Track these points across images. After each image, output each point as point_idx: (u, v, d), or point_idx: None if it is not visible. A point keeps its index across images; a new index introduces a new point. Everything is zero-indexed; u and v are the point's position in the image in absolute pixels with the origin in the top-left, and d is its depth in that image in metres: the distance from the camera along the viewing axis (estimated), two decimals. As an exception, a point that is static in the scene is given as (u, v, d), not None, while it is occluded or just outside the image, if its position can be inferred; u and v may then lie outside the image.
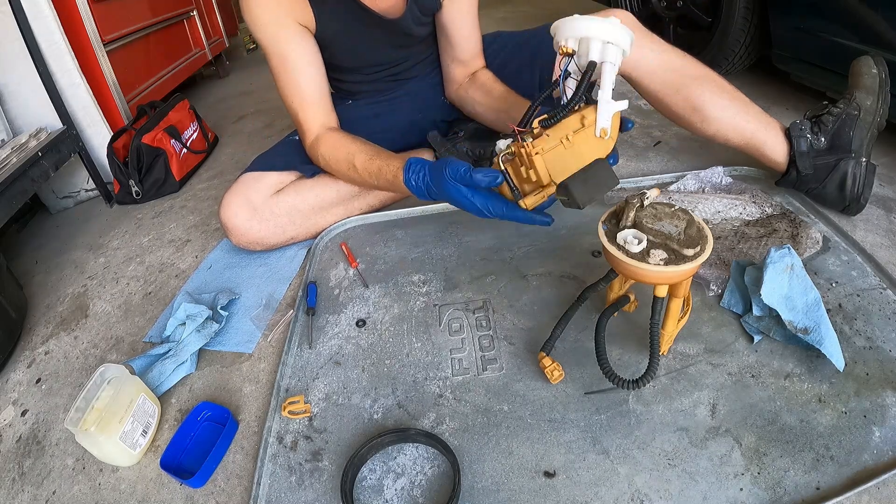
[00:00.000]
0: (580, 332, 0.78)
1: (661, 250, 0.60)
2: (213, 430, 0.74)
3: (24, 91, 1.32)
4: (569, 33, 0.69)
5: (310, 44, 0.97)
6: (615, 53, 0.68)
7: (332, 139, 0.97)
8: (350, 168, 0.94)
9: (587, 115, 0.70)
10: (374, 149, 0.94)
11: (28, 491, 0.72)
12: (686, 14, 1.69)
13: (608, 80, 0.68)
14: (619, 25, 0.68)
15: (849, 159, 0.92)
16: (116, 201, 1.48)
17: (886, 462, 0.58)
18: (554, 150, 0.68)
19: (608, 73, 0.68)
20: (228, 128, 1.96)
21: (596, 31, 0.67)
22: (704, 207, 0.98)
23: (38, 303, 1.11)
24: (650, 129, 1.39)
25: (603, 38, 0.67)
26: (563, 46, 0.70)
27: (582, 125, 0.70)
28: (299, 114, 0.99)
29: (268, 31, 0.93)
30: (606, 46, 0.67)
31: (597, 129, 0.71)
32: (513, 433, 0.67)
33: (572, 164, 0.70)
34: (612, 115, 0.70)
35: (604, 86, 0.69)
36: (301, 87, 0.97)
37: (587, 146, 0.71)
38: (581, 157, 0.71)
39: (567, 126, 0.69)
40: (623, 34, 0.68)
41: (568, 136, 0.69)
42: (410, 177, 0.83)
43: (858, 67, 0.97)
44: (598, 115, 0.70)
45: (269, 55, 0.96)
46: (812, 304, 0.70)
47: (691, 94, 1.00)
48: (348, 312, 0.90)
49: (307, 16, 0.95)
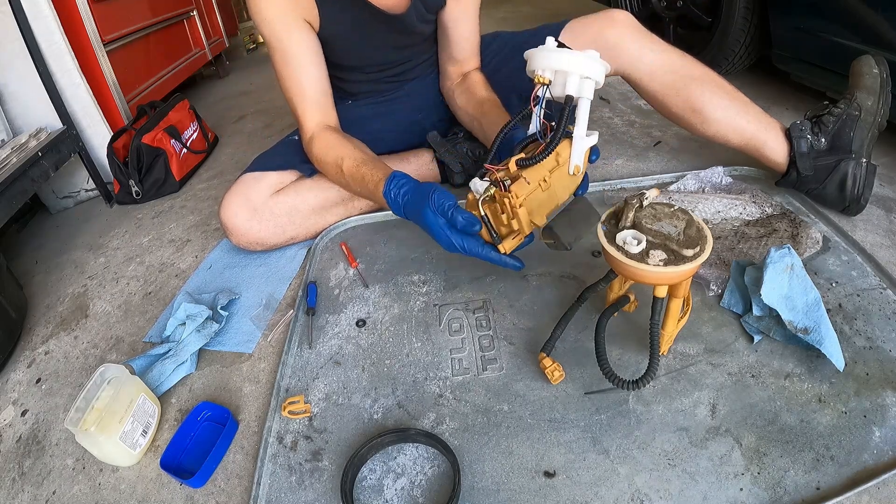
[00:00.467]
0: (580, 332, 0.78)
1: (660, 251, 0.60)
2: (213, 430, 0.74)
3: (24, 91, 1.32)
4: (546, 64, 0.69)
5: (313, 41, 0.97)
6: (591, 88, 0.68)
7: (327, 139, 0.97)
8: (338, 171, 0.93)
9: (561, 151, 0.71)
10: (366, 155, 0.93)
11: (28, 491, 0.72)
12: (686, 14, 1.69)
13: (584, 115, 0.69)
14: (598, 59, 0.68)
15: (849, 160, 0.92)
16: (116, 201, 1.48)
17: (886, 462, 0.58)
18: (532, 194, 0.68)
19: (584, 109, 0.69)
20: (228, 128, 1.96)
21: (575, 66, 0.67)
22: (704, 207, 0.98)
23: (38, 303, 1.11)
24: (650, 129, 1.39)
25: (581, 73, 0.67)
26: (539, 76, 0.70)
27: (557, 163, 0.71)
28: (298, 110, 0.99)
29: (273, 26, 0.93)
30: (584, 81, 0.67)
31: (570, 167, 0.71)
32: (513, 433, 0.67)
33: (547, 203, 0.71)
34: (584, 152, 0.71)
35: (579, 122, 0.69)
36: (302, 83, 0.97)
37: (560, 183, 0.72)
38: (555, 196, 0.72)
39: (543, 166, 0.69)
40: (600, 68, 0.68)
41: (545, 178, 0.69)
42: (391, 189, 0.80)
43: (859, 67, 0.96)
44: (573, 152, 0.71)
45: (273, 50, 0.96)
46: (812, 304, 0.70)
47: (691, 96, 1.00)
48: (348, 312, 0.90)
49: (312, 13, 0.95)
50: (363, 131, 1.18)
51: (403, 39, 1.07)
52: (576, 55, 0.67)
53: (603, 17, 1.04)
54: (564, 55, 0.67)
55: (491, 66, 1.15)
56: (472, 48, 1.10)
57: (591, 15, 1.07)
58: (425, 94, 1.20)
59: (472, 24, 1.07)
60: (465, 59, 1.11)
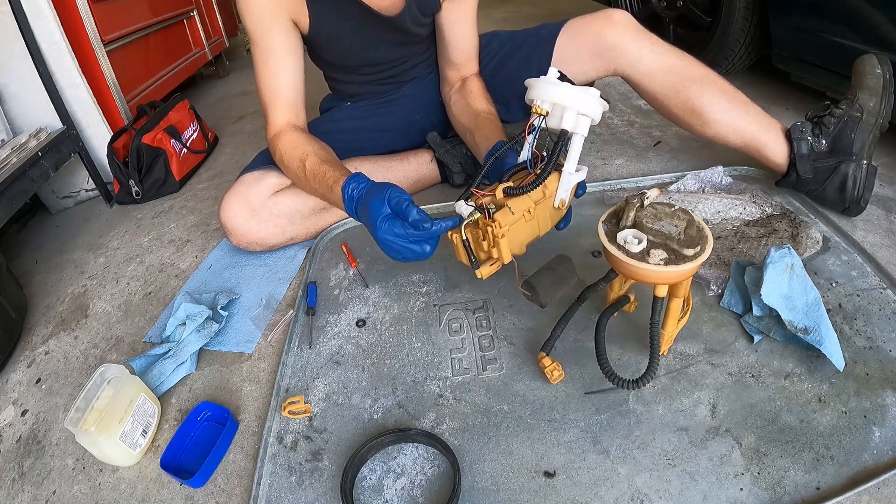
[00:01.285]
0: (580, 332, 0.78)
1: (661, 250, 0.60)
2: (213, 430, 0.74)
3: (24, 91, 1.32)
4: (546, 96, 0.69)
5: (295, 42, 0.97)
6: (586, 126, 0.68)
7: (295, 136, 0.96)
8: (300, 167, 0.91)
9: (548, 184, 0.71)
10: (330, 155, 0.92)
11: (28, 491, 0.72)
12: (686, 14, 1.69)
13: (576, 151, 0.69)
14: (597, 98, 0.68)
15: (849, 162, 0.91)
16: (116, 201, 1.48)
17: (886, 462, 0.58)
18: (515, 224, 0.68)
19: (576, 145, 0.69)
20: (228, 128, 1.96)
21: (574, 102, 0.67)
22: (704, 207, 0.98)
23: (38, 303, 1.10)
24: (650, 129, 1.39)
25: (579, 110, 0.67)
26: (537, 106, 0.70)
27: (543, 195, 0.71)
28: (269, 107, 0.99)
29: (258, 22, 0.93)
30: (580, 118, 0.68)
31: (556, 201, 0.72)
32: (513, 433, 0.67)
33: (528, 234, 0.71)
34: (572, 187, 0.71)
35: (570, 158, 0.69)
36: (278, 81, 0.97)
37: (544, 215, 0.72)
38: (537, 227, 0.72)
39: (530, 197, 0.70)
40: (598, 107, 0.68)
41: (530, 209, 0.69)
42: (350, 183, 0.78)
43: (862, 67, 0.94)
44: (560, 186, 0.71)
45: (254, 45, 0.96)
46: (812, 304, 0.70)
47: (691, 97, 0.99)
48: (348, 312, 0.90)
49: (301, 12, 0.95)
50: (362, 132, 1.18)
51: (398, 40, 1.07)
52: (576, 91, 0.67)
53: (601, 18, 1.03)
54: (564, 90, 0.68)
55: (490, 67, 1.14)
56: (470, 52, 1.09)
57: (590, 15, 1.06)
58: (424, 95, 1.20)
59: (469, 28, 1.07)
60: (464, 64, 1.10)
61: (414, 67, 1.16)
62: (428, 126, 1.21)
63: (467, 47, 1.08)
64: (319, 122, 1.20)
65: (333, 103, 1.25)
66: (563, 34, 1.07)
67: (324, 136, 1.01)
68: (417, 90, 1.19)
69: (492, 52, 1.16)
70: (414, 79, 1.18)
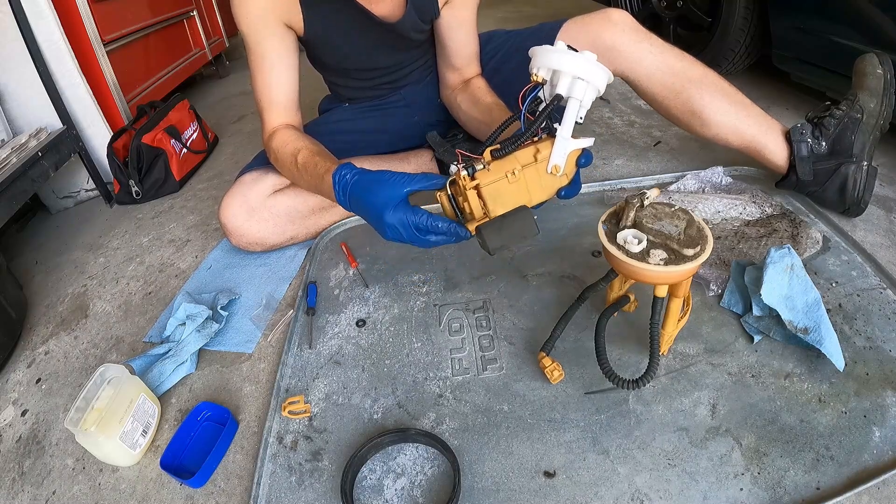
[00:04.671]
0: (580, 332, 0.78)
1: (661, 250, 0.60)
2: (213, 430, 0.74)
3: (24, 91, 1.32)
4: (542, 63, 0.69)
5: (289, 47, 0.97)
6: (583, 90, 0.67)
7: (288, 133, 0.96)
8: (292, 161, 0.92)
9: (542, 149, 0.70)
10: (322, 150, 0.92)
11: (28, 491, 0.72)
12: (686, 14, 1.69)
13: (570, 116, 0.68)
14: (594, 62, 0.67)
15: (850, 164, 0.91)
16: (116, 201, 1.48)
17: (886, 462, 0.58)
18: (495, 184, 0.68)
19: (571, 110, 0.68)
20: (228, 128, 1.96)
21: (567, 65, 0.66)
22: (704, 207, 0.98)
23: (38, 303, 1.10)
24: (650, 129, 1.39)
25: (573, 73, 0.66)
26: (534, 74, 0.70)
27: (535, 159, 0.70)
28: (264, 112, 1.00)
29: (252, 27, 0.93)
30: (575, 82, 0.67)
31: (549, 166, 0.70)
32: (513, 433, 0.67)
33: (516, 198, 0.70)
34: (567, 153, 0.70)
35: (564, 122, 0.68)
36: (272, 87, 0.98)
37: (536, 181, 0.71)
38: (527, 192, 0.71)
39: (517, 159, 0.69)
40: (597, 71, 0.67)
41: (514, 171, 0.68)
42: (342, 170, 0.78)
43: (863, 66, 0.94)
44: (553, 151, 0.69)
45: (249, 49, 0.97)
46: (812, 304, 0.70)
47: (690, 98, 0.99)
48: (348, 312, 0.90)
49: (295, 16, 0.95)
50: (361, 133, 1.18)
51: (397, 46, 1.06)
52: (570, 55, 0.66)
53: (600, 18, 1.03)
54: (558, 54, 0.67)
55: (489, 67, 1.14)
56: (471, 55, 1.09)
57: (588, 15, 1.05)
58: (422, 97, 1.19)
59: (469, 33, 1.06)
60: (465, 66, 1.10)
61: (413, 71, 1.16)
62: (427, 127, 1.21)
63: (468, 51, 1.08)
64: (318, 122, 1.20)
65: (332, 104, 1.25)
66: (562, 34, 1.06)
67: (323, 136, 1.01)
68: (416, 92, 1.19)
69: (490, 52, 1.16)
70: (412, 81, 1.18)
